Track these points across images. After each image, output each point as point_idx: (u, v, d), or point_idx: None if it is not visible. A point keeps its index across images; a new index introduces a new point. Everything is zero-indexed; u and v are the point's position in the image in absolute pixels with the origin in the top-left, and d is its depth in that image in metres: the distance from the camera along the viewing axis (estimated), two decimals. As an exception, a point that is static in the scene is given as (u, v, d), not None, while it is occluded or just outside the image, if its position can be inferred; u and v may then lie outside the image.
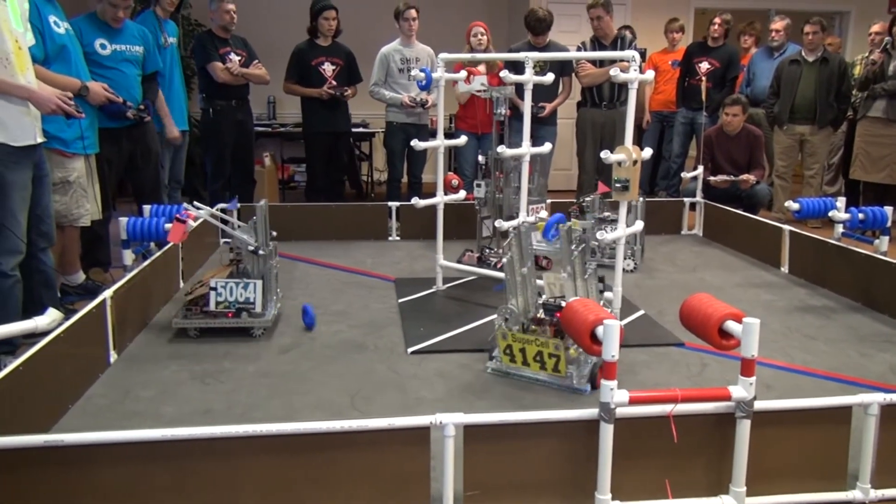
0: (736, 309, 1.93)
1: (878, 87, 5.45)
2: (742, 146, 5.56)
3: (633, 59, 2.99)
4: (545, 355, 2.62)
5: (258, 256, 3.18)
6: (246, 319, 3.12)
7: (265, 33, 6.77)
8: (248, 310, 3.12)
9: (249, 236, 3.20)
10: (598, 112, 5.67)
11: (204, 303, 3.13)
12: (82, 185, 3.62)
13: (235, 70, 5.13)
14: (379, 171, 7.68)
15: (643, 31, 7.12)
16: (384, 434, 1.82)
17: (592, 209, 4.36)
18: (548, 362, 2.62)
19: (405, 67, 5.49)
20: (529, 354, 2.64)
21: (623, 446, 1.86)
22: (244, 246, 3.21)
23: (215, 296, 3.11)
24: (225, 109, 5.23)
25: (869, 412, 1.97)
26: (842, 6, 7.91)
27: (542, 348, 2.61)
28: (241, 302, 3.12)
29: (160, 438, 1.75)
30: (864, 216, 3.85)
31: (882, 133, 5.50)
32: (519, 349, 2.66)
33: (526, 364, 2.67)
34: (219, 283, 3.11)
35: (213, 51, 5.13)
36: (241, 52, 5.27)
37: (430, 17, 7.58)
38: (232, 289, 3.11)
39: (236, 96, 5.28)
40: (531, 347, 2.63)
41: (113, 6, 3.86)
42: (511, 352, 2.69)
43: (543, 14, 5.37)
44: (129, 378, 2.70)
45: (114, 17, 3.91)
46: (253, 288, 3.12)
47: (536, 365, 2.65)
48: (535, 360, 2.64)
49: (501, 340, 2.71)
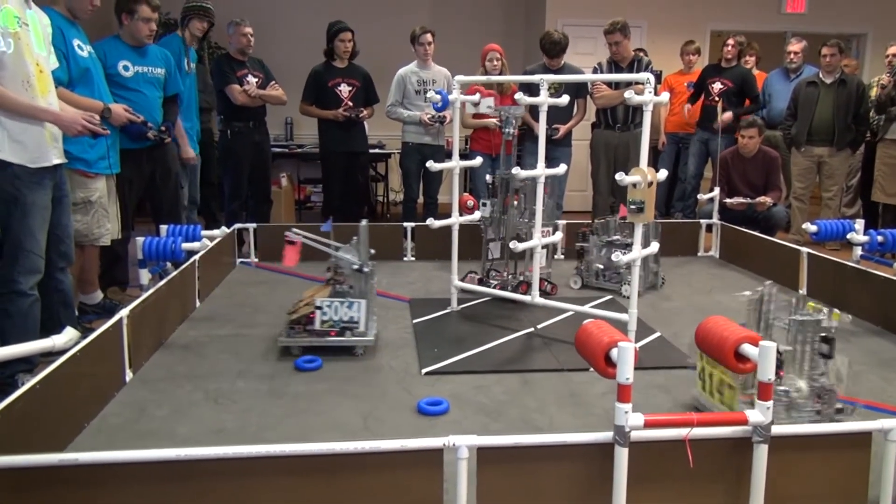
0: (752, 332, 1.91)
1: (894, 110, 5.41)
2: (758, 168, 5.54)
3: (647, 81, 3.00)
4: (725, 385, 2.42)
5: (362, 274, 3.22)
6: (350, 338, 3.15)
7: (282, 56, 6.87)
8: (352, 328, 3.16)
9: (352, 255, 3.26)
10: (612, 134, 5.68)
11: (308, 321, 3.17)
12: (103, 205, 3.67)
13: (253, 92, 5.21)
14: (395, 192, 7.72)
15: (659, 53, 7.15)
16: (397, 456, 1.81)
17: (603, 231, 4.38)
18: (726, 394, 2.42)
19: (422, 89, 5.54)
20: (714, 381, 2.48)
21: (638, 470, 1.84)
22: (347, 265, 3.25)
23: (321, 315, 3.14)
24: (242, 131, 5.29)
25: (889, 438, 1.93)
26: (859, 28, 7.89)
27: (724, 376, 2.42)
28: (345, 321, 3.16)
29: (174, 458, 1.76)
30: (882, 238, 3.80)
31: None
32: (708, 374, 2.52)
33: (709, 392, 2.52)
34: (324, 302, 3.14)
35: (231, 73, 5.21)
36: (259, 73, 5.34)
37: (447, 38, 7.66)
38: (337, 308, 3.15)
39: (253, 118, 5.34)
40: (716, 374, 2.46)
41: (146, 21, 3.94)
42: (703, 375, 2.56)
43: (559, 37, 5.40)
44: (144, 397, 2.72)
45: (148, 34, 3.99)
46: (357, 307, 3.15)
47: (717, 396, 2.47)
48: (717, 390, 2.47)
49: (699, 360, 2.55)
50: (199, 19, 4.76)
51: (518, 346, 3.34)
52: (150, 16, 3.95)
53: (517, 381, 2.93)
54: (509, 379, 2.94)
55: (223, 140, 5.31)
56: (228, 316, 3.76)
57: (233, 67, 5.24)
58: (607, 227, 4.41)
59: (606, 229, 4.40)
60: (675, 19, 7.63)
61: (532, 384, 2.89)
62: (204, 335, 3.44)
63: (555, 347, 3.31)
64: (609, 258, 4.31)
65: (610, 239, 4.36)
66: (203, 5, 4.79)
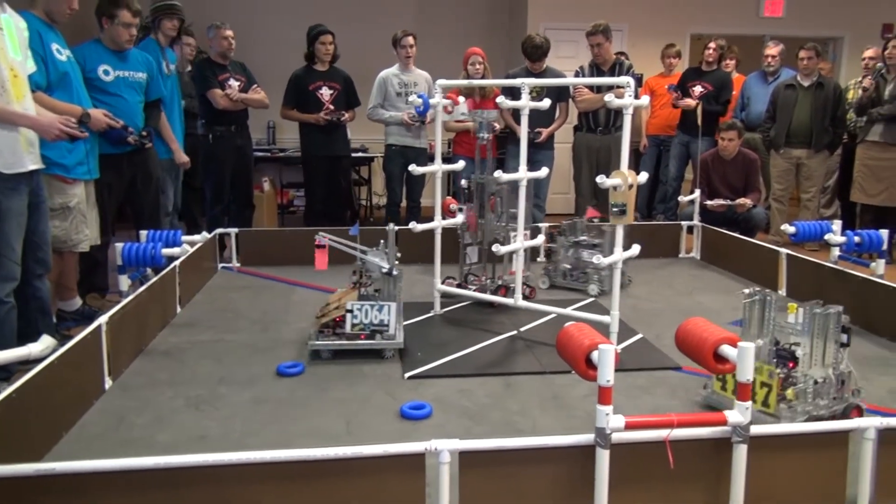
0: (731, 333, 1.93)
1: (875, 112, 5.49)
2: (738, 170, 5.60)
3: (627, 84, 3.02)
4: (757, 384, 2.45)
5: (391, 278, 3.23)
6: (379, 341, 3.16)
7: (262, 59, 6.83)
8: (382, 332, 3.16)
9: (381, 259, 3.26)
10: (594, 137, 5.71)
11: (335, 324, 3.18)
12: (82, 211, 3.63)
13: (235, 96, 5.18)
14: (378, 196, 7.71)
15: (640, 56, 7.20)
16: (379, 461, 1.81)
17: (571, 232, 4.45)
18: (758, 393, 2.45)
19: (403, 91, 5.54)
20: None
21: (620, 472, 1.85)
22: (376, 269, 3.26)
23: (351, 318, 3.14)
24: (224, 135, 5.26)
25: (866, 436, 1.96)
26: (835, 32, 8.00)
27: (756, 375, 2.42)
28: (375, 324, 3.16)
29: (153, 466, 1.74)
30: (860, 239, 3.86)
31: (880, 156, 5.53)
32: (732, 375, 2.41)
33: (732, 392, 2.53)
34: (355, 305, 3.14)
35: (213, 77, 5.18)
36: (241, 77, 5.32)
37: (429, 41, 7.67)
38: (367, 311, 3.15)
39: (236, 122, 5.31)
40: None
41: (126, 26, 3.91)
42: (724, 378, 2.61)
43: (540, 41, 5.43)
44: (123, 405, 2.69)
45: (128, 39, 3.95)
46: (387, 310, 3.16)
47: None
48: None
49: None
50: (168, 18, 4.72)
51: (501, 350, 3.34)
52: (131, 21, 3.92)
53: (500, 384, 2.93)
54: (492, 382, 2.94)
55: (205, 144, 5.28)
56: (210, 322, 3.73)
57: (214, 71, 5.21)
58: (574, 227, 4.48)
59: (574, 230, 4.47)
60: (656, 23, 7.69)
61: (515, 387, 2.90)
62: (185, 341, 3.41)
63: (537, 350, 3.32)
64: (576, 258, 4.41)
65: (577, 240, 4.45)
66: (169, 3, 4.75)
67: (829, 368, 2.52)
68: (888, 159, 5.50)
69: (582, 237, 4.45)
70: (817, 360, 2.51)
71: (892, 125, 5.44)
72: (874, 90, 5.54)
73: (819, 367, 2.51)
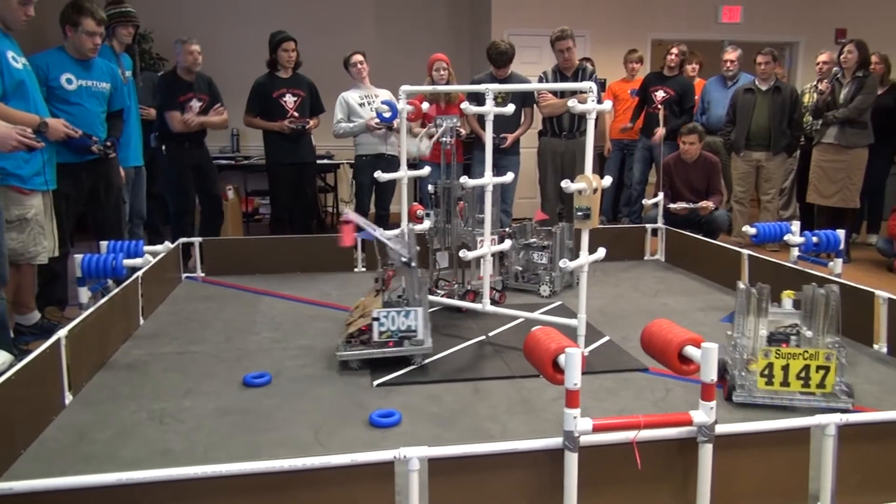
0: (695, 334, 1.95)
1: (830, 115, 5.63)
2: (700, 173, 5.70)
3: (590, 90, 3.05)
4: (812, 369, 2.59)
5: (410, 269, 3.18)
6: (408, 348, 3.11)
7: (224, 67, 6.76)
8: (410, 338, 3.11)
9: (402, 247, 3.21)
10: (559, 142, 5.76)
11: (360, 333, 3.13)
12: (40, 223, 3.54)
13: (192, 123, 5.08)
14: (345, 202, 7.67)
15: (602, 61, 7.30)
16: (348, 470, 1.79)
17: (521, 235, 4.51)
18: (813, 378, 2.58)
19: (365, 101, 5.54)
20: (793, 371, 2.59)
21: (588, 475, 1.86)
22: (397, 257, 3.19)
23: (378, 326, 3.08)
24: (177, 150, 5.18)
25: (826, 433, 2.00)
26: (791, 37, 8.20)
27: (810, 361, 2.57)
28: (402, 330, 3.10)
29: (116, 483, 1.70)
30: (817, 239, 3.96)
31: (835, 158, 5.68)
32: (781, 367, 2.60)
33: (785, 384, 2.63)
34: (381, 312, 3.08)
35: (173, 98, 5.09)
36: (204, 96, 5.21)
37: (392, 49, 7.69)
38: (394, 318, 3.09)
39: (189, 139, 5.21)
40: (796, 363, 2.58)
41: (90, 35, 3.83)
42: (770, 372, 2.63)
43: (505, 47, 5.47)
44: (84, 420, 2.63)
45: (92, 48, 3.87)
46: (414, 316, 3.10)
47: (798, 383, 2.61)
48: (797, 377, 2.60)
49: (762, 359, 2.63)
50: (122, 26, 4.66)
51: (469, 355, 3.35)
52: (95, 29, 3.84)
53: (469, 389, 2.93)
54: (461, 388, 2.94)
55: (159, 157, 5.18)
56: (174, 333, 3.67)
57: (178, 89, 5.13)
58: (524, 230, 4.53)
59: (523, 232, 4.53)
60: (618, 28, 7.80)
61: (484, 392, 2.90)
62: (148, 353, 3.35)
63: (506, 355, 3.33)
64: (527, 260, 4.51)
65: (528, 242, 4.51)
66: (122, 10, 4.67)
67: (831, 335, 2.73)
68: (842, 161, 5.65)
69: (532, 239, 4.55)
70: (819, 339, 2.71)
71: (846, 128, 5.59)
72: (829, 94, 5.69)
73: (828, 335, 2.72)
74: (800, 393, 2.67)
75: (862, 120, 5.56)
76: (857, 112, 5.51)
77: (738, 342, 2.79)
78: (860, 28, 7.58)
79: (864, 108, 5.52)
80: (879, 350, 3.37)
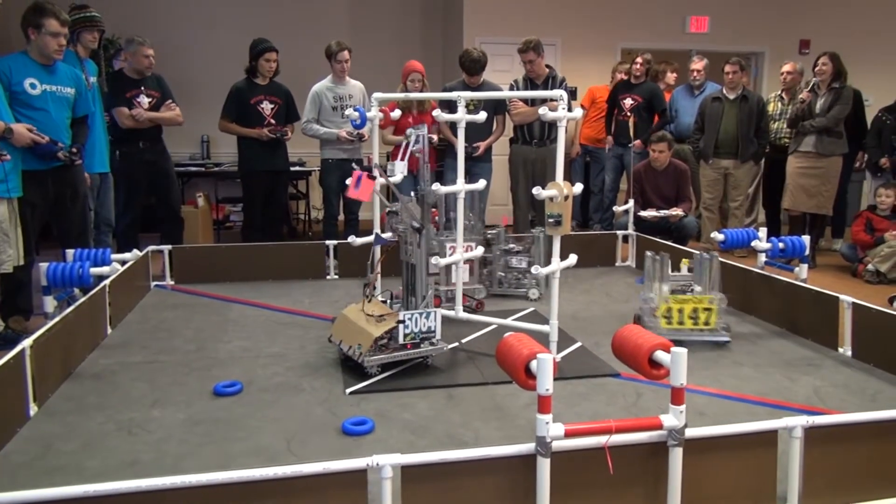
0: (664, 339, 1.98)
1: (807, 124, 5.76)
2: (669, 180, 5.78)
3: (560, 98, 3.08)
4: (700, 311, 3.47)
5: (421, 235, 3.19)
6: (427, 348, 3.11)
7: (196, 72, 6.71)
8: (430, 339, 3.11)
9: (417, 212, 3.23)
10: (530, 149, 5.80)
11: (384, 338, 3.10)
12: (5, 231, 3.47)
13: (141, 117, 5.02)
14: (316, 210, 7.63)
15: (573, 69, 7.38)
16: (320, 479, 1.78)
17: (496, 241, 4.54)
18: (701, 316, 3.48)
19: (338, 105, 5.51)
20: (686, 313, 3.48)
21: (561, 480, 1.87)
22: (408, 221, 3.19)
23: (403, 328, 3.08)
24: (131, 151, 5.12)
25: (793, 435, 2.04)
26: (756, 47, 8.37)
27: (697, 304, 3.47)
28: (423, 332, 3.11)
29: (82, 495, 1.67)
30: (783, 245, 4.04)
31: (812, 166, 5.81)
32: (678, 309, 3.48)
33: (681, 323, 3.50)
34: (406, 315, 3.07)
35: (121, 94, 5.02)
36: (154, 92, 5.15)
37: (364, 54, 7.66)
38: (416, 319, 3.09)
39: (144, 138, 5.15)
40: (688, 306, 3.48)
41: (54, 36, 3.76)
42: (670, 314, 3.49)
43: (478, 55, 5.49)
44: (50, 431, 2.57)
45: (57, 49, 3.81)
46: (433, 317, 3.11)
47: (690, 322, 3.50)
48: (689, 317, 3.49)
49: (663, 305, 3.48)
50: (87, 31, 4.59)
51: (442, 362, 3.34)
52: (59, 30, 3.78)
53: (442, 396, 2.93)
54: (434, 394, 2.94)
55: (112, 160, 5.10)
56: (142, 342, 3.61)
57: (124, 86, 5.05)
58: (499, 237, 4.56)
59: (499, 239, 4.55)
60: (588, 37, 7.90)
61: (457, 399, 2.91)
62: (116, 363, 3.29)
63: (479, 361, 3.33)
64: (507, 265, 4.54)
65: (506, 248, 4.57)
66: (87, 15, 4.61)
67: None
68: (819, 168, 5.78)
69: (511, 245, 4.61)
70: (705, 293, 3.58)
71: (824, 137, 5.72)
72: (807, 104, 5.81)
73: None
74: (690, 329, 3.51)
75: (838, 130, 5.71)
76: (834, 121, 5.66)
77: (647, 296, 3.59)
78: (824, 39, 7.78)
79: (840, 118, 5.68)
80: (844, 353, 3.44)
